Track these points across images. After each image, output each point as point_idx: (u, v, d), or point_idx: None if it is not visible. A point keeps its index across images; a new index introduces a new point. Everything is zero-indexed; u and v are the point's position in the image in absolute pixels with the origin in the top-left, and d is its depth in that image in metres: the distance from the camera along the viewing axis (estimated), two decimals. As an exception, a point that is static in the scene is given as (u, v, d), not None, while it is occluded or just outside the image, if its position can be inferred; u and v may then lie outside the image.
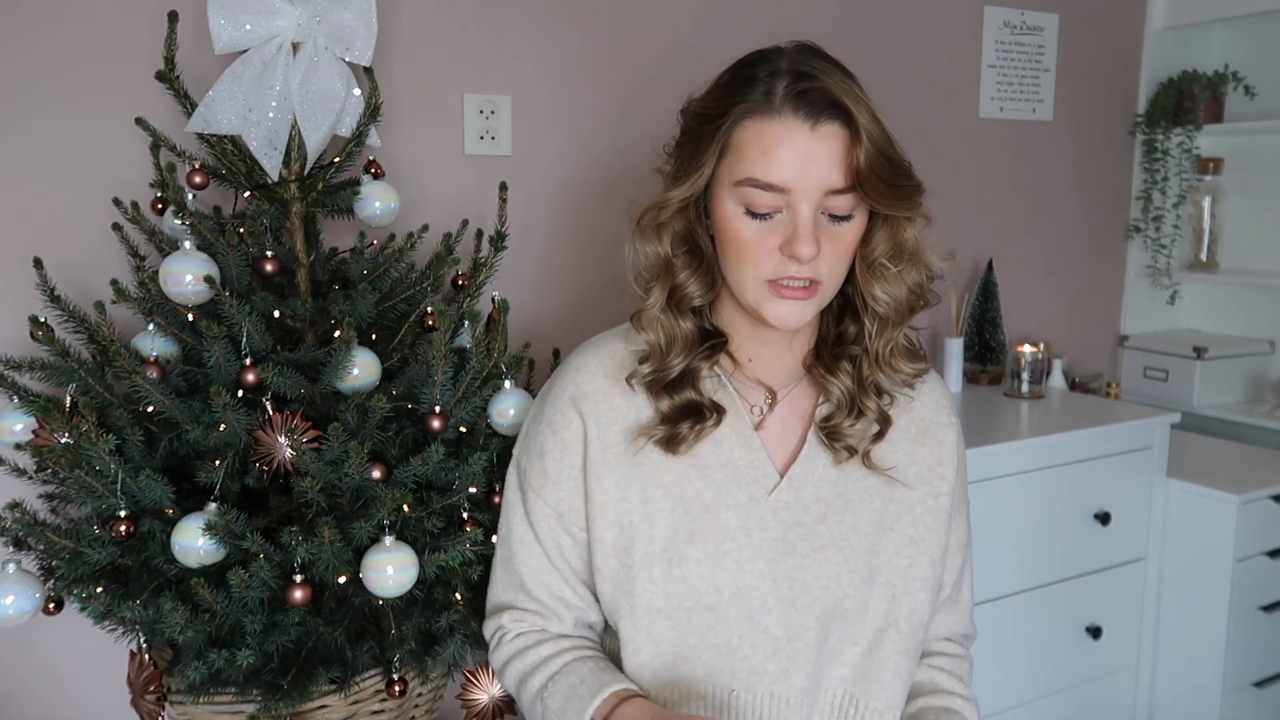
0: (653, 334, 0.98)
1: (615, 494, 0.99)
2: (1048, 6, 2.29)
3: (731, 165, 0.91)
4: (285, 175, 1.28)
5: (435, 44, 1.61)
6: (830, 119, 0.88)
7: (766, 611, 0.97)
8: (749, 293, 0.94)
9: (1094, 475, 1.94)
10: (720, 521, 0.98)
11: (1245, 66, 2.41)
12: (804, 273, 0.90)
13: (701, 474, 0.99)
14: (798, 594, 0.98)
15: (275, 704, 1.10)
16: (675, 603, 0.97)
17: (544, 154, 1.72)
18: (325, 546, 1.06)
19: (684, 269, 0.97)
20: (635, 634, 0.98)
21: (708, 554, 0.97)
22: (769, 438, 1.01)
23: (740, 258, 0.93)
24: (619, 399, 1.01)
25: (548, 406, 1.04)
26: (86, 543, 1.09)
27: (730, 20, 1.82)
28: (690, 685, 0.98)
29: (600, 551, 1.00)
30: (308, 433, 1.10)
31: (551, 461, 1.02)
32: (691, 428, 0.97)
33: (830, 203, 0.90)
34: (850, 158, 0.89)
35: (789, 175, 0.88)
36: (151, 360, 1.16)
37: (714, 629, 0.97)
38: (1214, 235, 2.48)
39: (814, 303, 0.93)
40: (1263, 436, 2.32)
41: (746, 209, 0.91)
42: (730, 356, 1.02)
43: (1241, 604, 2.00)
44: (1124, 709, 2.10)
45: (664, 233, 0.96)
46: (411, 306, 1.31)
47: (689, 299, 0.97)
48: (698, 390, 0.99)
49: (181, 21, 1.27)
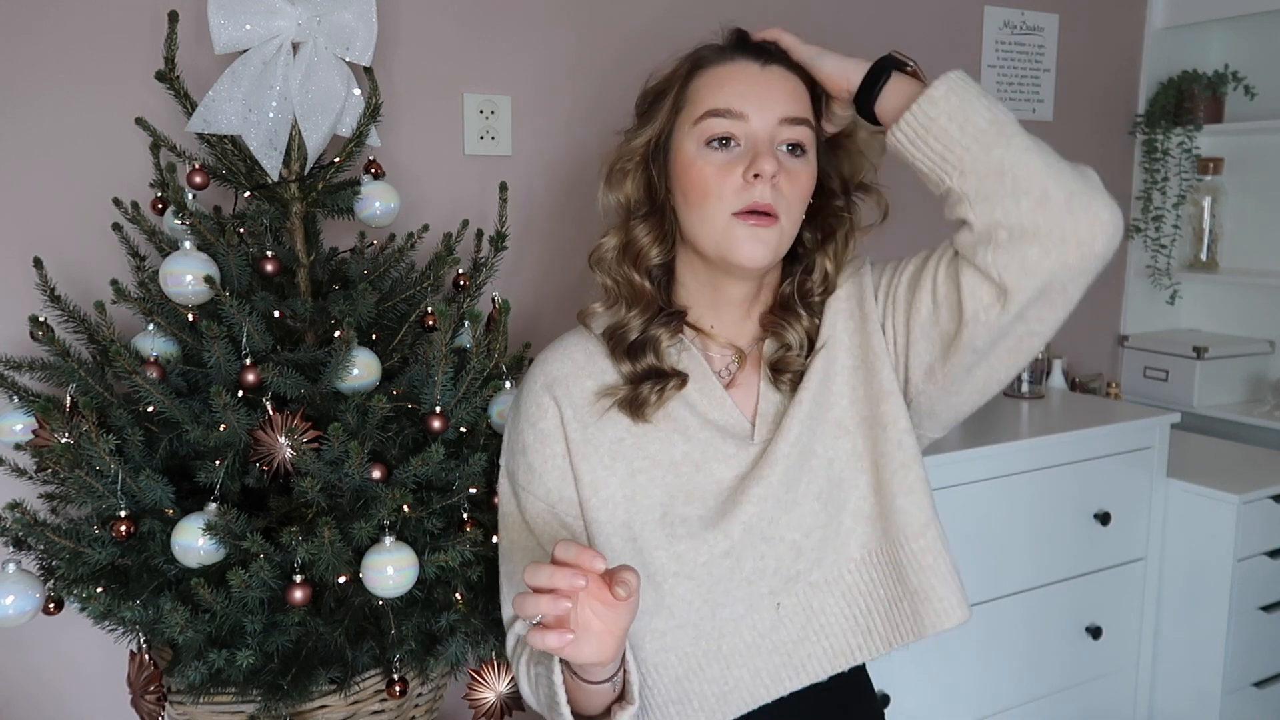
0: (606, 277, 1.04)
1: (603, 471, 1.01)
2: (1048, 6, 2.29)
3: (690, 111, 0.98)
4: (285, 175, 1.28)
5: (435, 44, 1.61)
6: (779, 63, 0.98)
7: (775, 525, 1.00)
8: (716, 232, 0.96)
9: (1094, 475, 1.93)
10: (714, 477, 1.00)
11: (1245, 66, 2.41)
12: (766, 197, 0.94)
13: (685, 436, 1.01)
14: (792, 489, 1.00)
15: (275, 704, 1.10)
16: (690, 560, 0.99)
17: (544, 154, 1.72)
18: (325, 546, 1.06)
19: (640, 222, 1.02)
20: (660, 600, 0.99)
21: (709, 509, 1.00)
22: (737, 394, 1.04)
23: (705, 194, 0.96)
24: (589, 380, 1.03)
25: (522, 403, 1.06)
26: (86, 543, 1.09)
27: (730, 20, 1.82)
28: (737, 623, 1.00)
29: (600, 533, 1.00)
30: (308, 433, 1.10)
31: (535, 455, 1.03)
32: (653, 388, 1.00)
33: (786, 133, 0.96)
34: (799, 94, 0.98)
35: (744, 102, 0.95)
36: (151, 360, 1.16)
37: (737, 568, 0.99)
38: (1214, 235, 2.48)
39: (774, 236, 0.96)
40: (1263, 436, 2.32)
41: (707, 140, 0.96)
42: (693, 327, 1.05)
43: (1241, 604, 2.00)
44: (1124, 709, 2.10)
45: (627, 180, 1.02)
46: (411, 306, 1.31)
47: (645, 254, 1.02)
48: (659, 356, 1.01)
49: (181, 21, 1.27)
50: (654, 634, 1.00)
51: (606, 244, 1.04)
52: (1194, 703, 2.05)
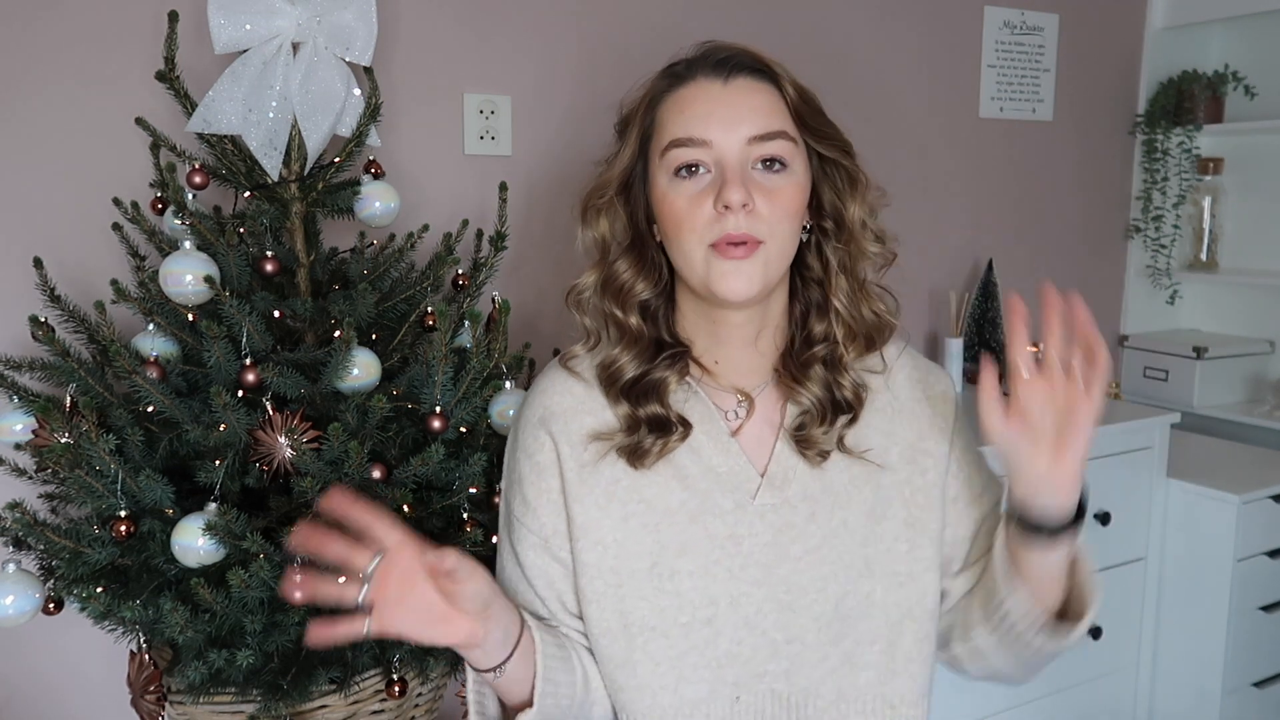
0: (588, 317, 0.99)
1: (596, 512, 0.96)
2: (1048, 6, 2.29)
3: (658, 140, 0.93)
4: (285, 175, 1.28)
5: (435, 44, 1.61)
6: (743, 74, 0.91)
7: (763, 617, 0.95)
8: (697, 267, 0.91)
9: (1094, 475, 1.90)
10: (708, 531, 0.95)
11: (1245, 66, 2.41)
12: (741, 227, 0.88)
13: (683, 484, 0.96)
14: (794, 597, 0.96)
15: (275, 704, 1.09)
16: (670, 618, 0.94)
17: (544, 154, 1.72)
18: (325, 546, 1.06)
19: (620, 257, 0.97)
20: (631, 654, 0.95)
21: (699, 565, 0.95)
22: (746, 441, 0.98)
23: (679, 228, 0.91)
24: (587, 416, 0.98)
25: (520, 432, 1.02)
26: (86, 543, 1.09)
27: (730, 20, 1.82)
28: (694, 705, 0.96)
29: (585, 574, 0.96)
30: (308, 433, 1.10)
31: (530, 487, 0.98)
32: (655, 441, 0.94)
33: (758, 150, 0.90)
34: (771, 106, 0.90)
35: (708, 129, 0.89)
36: (151, 360, 1.16)
37: (712, 642, 0.95)
38: (1214, 235, 2.48)
39: (759, 265, 0.90)
40: (1263, 436, 2.32)
41: (675, 171, 0.91)
42: (698, 364, 1.00)
43: (1241, 604, 2.00)
44: (1124, 709, 2.10)
45: (601, 217, 0.98)
46: (411, 306, 1.31)
47: (627, 289, 0.96)
48: (664, 404, 0.96)
49: (181, 21, 1.27)
50: (616, 687, 0.97)
51: (584, 283, 0.98)
52: (1194, 703, 2.05)
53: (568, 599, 0.98)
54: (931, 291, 2.24)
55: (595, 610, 0.96)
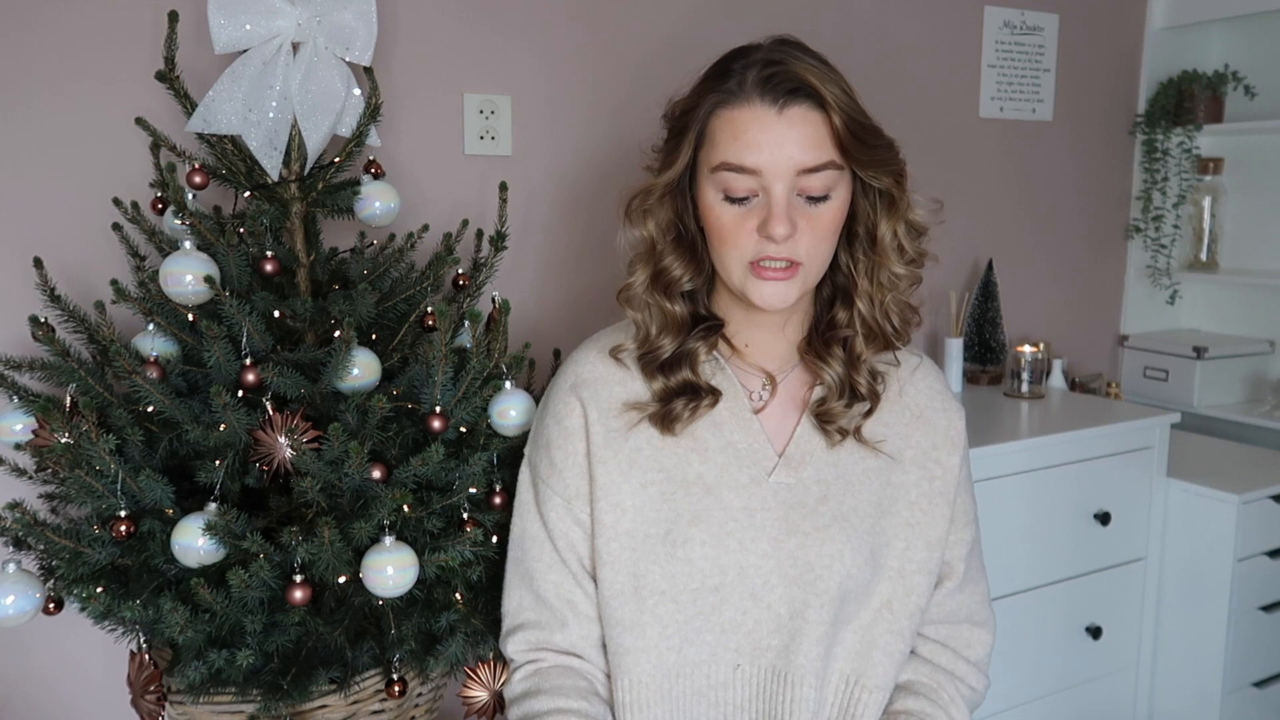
0: (638, 311, 1.04)
1: (617, 477, 1.02)
2: (1048, 6, 2.29)
3: (709, 153, 0.96)
4: (285, 175, 1.28)
5: (435, 44, 1.61)
6: (797, 101, 0.92)
7: (770, 589, 0.99)
8: (735, 276, 0.97)
9: (1094, 475, 1.93)
10: (723, 503, 1.00)
11: (1245, 66, 2.41)
12: (781, 253, 0.94)
13: (702, 456, 1.01)
14: (801, 572, 1.00)
15: (275, 704, 1.09)
16: (680, 584, 0.99)
17: (544, 154, 1.72)
18: (325, 546, 1.06)
19: (669, 253, 1.02)
20: (640, 616, 1.00)
21: (711, 535, 1.00)
22: (768, 421, 1.04)
23: (722, 241, 0.97)
24: (618, 385, 1.04)
25: (551, 398, 1.08)
26: (86, 543, 1.09)
27: (730, 19, 1.82)
28: (695, 665, 1.00)
29: (602, 534, 1.01)
30: (308, 433, 1.10)
31: (557, 450, 1.05)
32: (686, 404, 1.00)
33: (804, 183, 0.94)
34: (820, 137, 0.93)
35: (759, 158, 0.92)
36: (151, 360, 1.16)
37: (718, 609, 0.99)
38: (1214, 235, 2.48)
39: (796, 283, 0.96)
40: (1263, 436, 2.32)
41: (724, 194, 0.95)
42: (728, 343, 1.06)
43: (1241, 604, 2.00)
44: (1124, 709, 2.10)
45: (649, 218, 1.01)
46: (411, 306, 1.31)
47: (675, 282, 1.02)
48: (695, 372, 1.02)
49: (181, 21, 1.27)
50: (622, 651, 1.01)
51: (636, 280, 1.03)
52: (1194, 703, 2.05)
53: (587, 561, 1.05)
54: (931, 291, 2.24)
55: (609, 572, 1.01)
